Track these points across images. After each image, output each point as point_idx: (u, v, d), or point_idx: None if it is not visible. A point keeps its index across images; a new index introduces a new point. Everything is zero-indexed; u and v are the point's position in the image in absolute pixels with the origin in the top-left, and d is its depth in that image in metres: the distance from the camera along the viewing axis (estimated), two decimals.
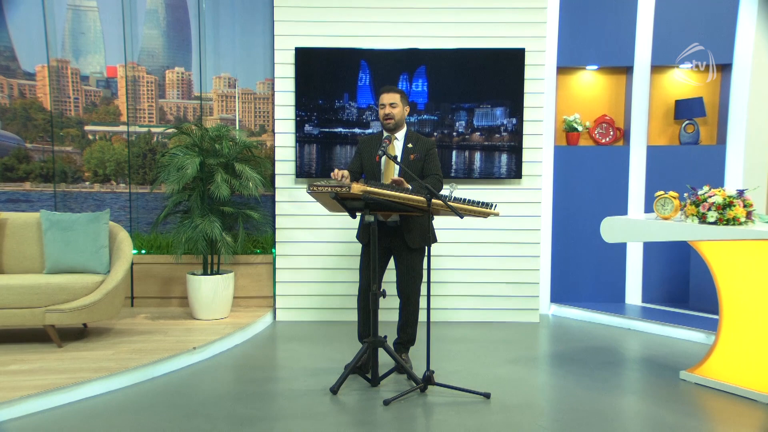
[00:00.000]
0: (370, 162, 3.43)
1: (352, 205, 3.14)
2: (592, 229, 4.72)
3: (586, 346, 4.10)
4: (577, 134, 5.01)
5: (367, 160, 3.45)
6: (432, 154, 3.45)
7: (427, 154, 3.43)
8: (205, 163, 4.41)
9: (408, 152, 3.42)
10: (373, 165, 3.41)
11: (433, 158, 3.45)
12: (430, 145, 3.47)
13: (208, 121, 4.98)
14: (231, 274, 4.56)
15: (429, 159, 3.43)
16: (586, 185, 4.98)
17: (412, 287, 3.45)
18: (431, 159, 3.44)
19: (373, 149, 3.42)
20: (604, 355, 3.90)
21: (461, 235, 4.66)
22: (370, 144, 3.48)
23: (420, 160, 3.41)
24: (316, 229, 4.70)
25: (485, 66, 4.55)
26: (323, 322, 4.69)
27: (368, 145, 3.48)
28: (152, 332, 4.11)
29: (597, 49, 4.92)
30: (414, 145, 3.44)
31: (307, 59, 4.57)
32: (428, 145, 3.46)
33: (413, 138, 3.47)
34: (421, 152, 3.42)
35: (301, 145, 4.63)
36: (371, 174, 3.43)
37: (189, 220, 4.40)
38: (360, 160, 3.50)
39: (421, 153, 3.42)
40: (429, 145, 3.46)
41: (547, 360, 3.84)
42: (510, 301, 4.73)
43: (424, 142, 3.46)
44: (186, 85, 5.00)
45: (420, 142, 3.45)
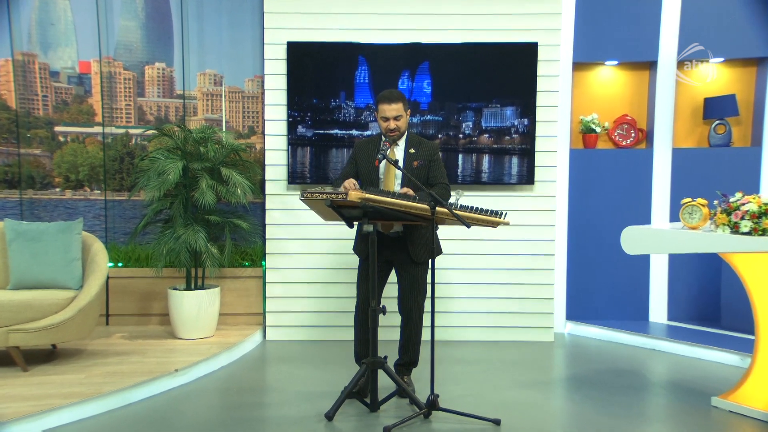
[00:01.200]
0: (367, 167, 3.44)
1: (350, 214, 3.16)
2: (612, 239, 4.72)
3: (606, 368, 4.11)
4: (595, 136, 5.06)
5: (363, 165, 3.46)
6: (436, 160, 3.47)
7: (432, 160, 3.45)
8: (188, 167, 4.45)
9: (410, 158, 3.44)
10: (370, 171, 3.43)
11: (438, 164, 3.47)
12: (434, 150, 3.49)
13: (192, 122, 5.02)
14: (217, 289, 4.59)
15: (434, 165, 3.45)
16: (605, 192, 5.01)
17: (415, 303, 3.47)
18: (436, 165, 3.46)
19: (370, 153, 3.43)
20: (626, 378, 3.91)
21: (468, 247, 4.70)
22: (367, 148, 3.49)
23: (424, 166, 3.43)
24: (310, 240, 4.73)
25: (494, 62, 4.60)
26: (317, 341, 4.72)
27: (365, 150, 3.49)
28: (129, 353, 4.12)
29: (617, 43, 4.97)
30: (417, 150, 3.45)
31: (300, 54, 4.61)
32: (432, 149, 3.48)
33: (415, 142, 3.49)
34: (424, 158, 3.44)
35: (294, 148, 4.67)
36: (368, 181, 3.44)
37: (171, 230, 4.43)
38: (355, 166, 3.51)
39: (425, 159, 3.44)
40: (432, 150, 3.48)
41: (562, 383, 3.85)
42: (522, 319, 4.76)
43: (427, 147, 3.48)
44: (167, 82, 5.05)
45: (423, 147, 3.47)
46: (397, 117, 3.38)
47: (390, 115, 3.38)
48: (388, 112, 3.37)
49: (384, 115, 3.39)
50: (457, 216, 2.99)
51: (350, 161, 3.56)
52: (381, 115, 3.41)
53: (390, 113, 3.37)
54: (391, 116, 3.38)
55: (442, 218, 3.11)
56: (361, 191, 3.02)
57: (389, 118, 3.38)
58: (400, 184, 3.40)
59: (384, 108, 3.38)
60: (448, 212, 3.00)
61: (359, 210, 3.08)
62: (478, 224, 3.13)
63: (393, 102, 3.38)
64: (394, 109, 3.37)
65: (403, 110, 3.40)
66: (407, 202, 3.03)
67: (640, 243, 3.45)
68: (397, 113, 3.38)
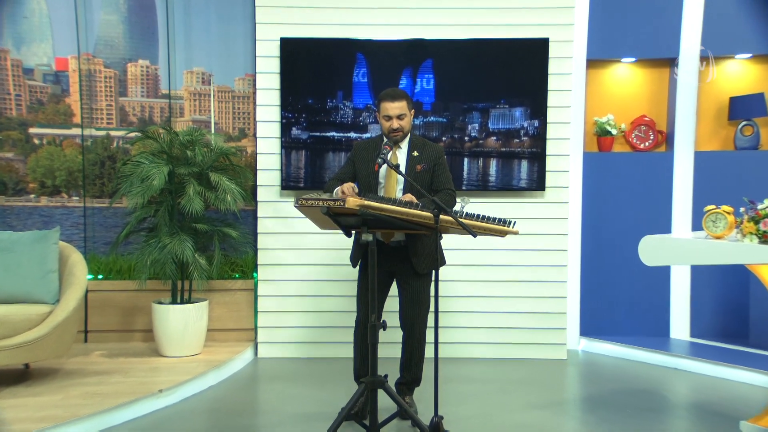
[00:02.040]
0: (366, 171, 3.47)
1: (347, 222, 3.16)
2: (630, 249, 4.73)
3: (624, 389, 4.12)
4: (610, 139, 5.08)
5: (362, 169, 3.49)
6: (442, 164, 3.50)
7: (437, 164, 3.48)
8: (174, 172, 4.47)
9: (413, 162, 3.46)
10: (369, 175, 3.46)
11: (444, 169, 3.50)
12: (439, 153, 3.51)
13: (179, 124, 5.05)
14: (205, 303, 4.61)
15: (439, 170, 3.48)
16: (622, 199, 5.04)
17: (418, 318, 3.50)
18: (441, 170, 3.49)
19: (370, 156, 3.46)
20: (645, 399, 3.92)
21: (474, 257, 4.72)
22: (367, 150, 3.52)
23: (428, 171, 3.46)
24: (306, 250, 4.76)
25: (502, 59, 4.64)
26: (313, 359, 4.74)
27: (365, 152, 3.52)
28: (110, 372, 4.13)
29: (634, 38, 4.99)
30: (420, 152, 3.48)
31: (295, 52, 4.65)
32: (437, 152, 3.51)
33: (419, 144, 3.51)
34: (428, 162, 3.46)
35: (288, 151, 4.70)
36: (367, 185, 3.47)
37: (155, 239, 4.45)
38: (353, 169, 3.54)
39: (429, 163, 3.46)
40: (437, 153, 3.50)
41: (576, 404, 3.87)
42: (532, 335, 4.77)
43: (431, 150, 3.51)
44: (152, 81, 5.07)
45: (427, 149, 3.50)
46: (401, 116, 3.41)
47: (393, 113, 3.40)
48: (391, 110, 3.40)
49: (386, 113, 3.41)
50: (463, 224, 3.00)
51: (348, 163, 3.59)
52: (383, 113, 3.43)
53: (393, 111, 3.40)
54: (394, 115, 3.40)
55: (446, 227, 3.13)
56: (359, 198, 3.04)
57: (392, 117, 3.40)
58: (402, 189, 3.42)
59: (386, 106, 3.41)
60: (453, 220, 3.01)
61: (358, 218, 3.08)
62: (485, 233, 3.15)
63: (396, 100, 3.41)
64: (397, 107, 3.40)
65: (407, 109, 3.43)
66: (409, 209, 3.05)
67: (660, 253, 3.46)
68: (400, 111, 3.40)
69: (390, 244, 3.42)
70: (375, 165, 3.24)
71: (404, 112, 3.42)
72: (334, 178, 3.54)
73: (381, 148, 3.33)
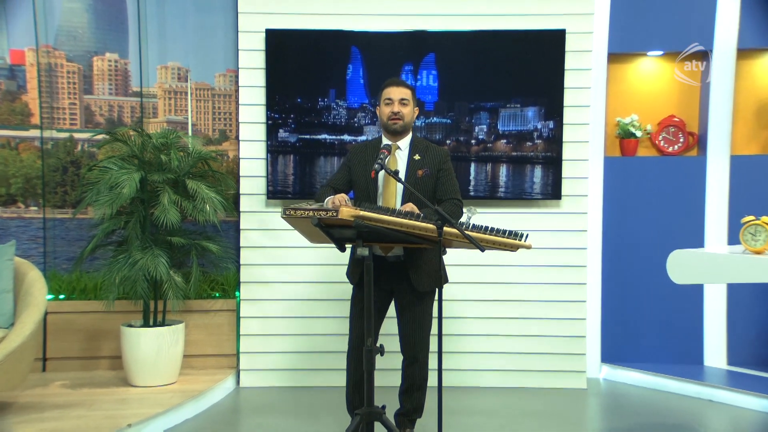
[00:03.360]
0: (362, 178, 3.52)
1: (341, 235, 3.17)
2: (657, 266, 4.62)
3: (651, 423, 4.15)
4: (634, 141, 5.12)
5: (359, 175, 3.54)
6: (447, 170, 3.55)
7: (441, 170, 3.53)
8: (147, 179, 4.50)
9: (415, 166, 3.51)
10: (367, 182, 3.49)
11: (449, 175, 3.55)
12: (444, 157, 3.57)
13: (151, 125, 5.08)
14: (180, 326, 4.64)
15: (444, 176, 3.53)
16: (648, 208, 5.07)
17: (420, 342, 3.54)
18: (446, 176, 3.54)
19: (367, 161, 3.50)
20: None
21: (482, 274, 4.77)
22: (363, 154, 3.58)
23: (431, 176, 3.51)
24: (294, 266, 4.81)
25: (513, 53, 4.71)
26: (302, 388, 4.78)
27: (361, 156, 3.58)
28: (71, 405, 4.12)
29: (662, 29, 5.02)
30: (423, 156, 3.53)
31: (282, 45, 4.71)
32: (441, 156, 3.56)
33: (421, 147, 3.57)
34: (432, 166, 3.51)
35: (274, 156, 4.76)
36: (364, 193, 3.53)
37: (125, 254, 4.46)
38: (348, 174, 3.60)
39: (432, 167, 3.51)
40: (442, 157, 3.56)
41: None
42: (548, 361, 4.81)
43: (435, 153, 3.56)
44: (121, 76, 5.10)
45: (430, 153, 3.55)
46: (403, 100, 3.49)
47: (395, 96, 3.49)
48: (394, 93, 3.50)
49: (388, 96, 3.51)
50: (469, 238, 3.00)
51: (342, 168, 3.65)
52: (384, 97, 3.52)
53: (396, 95, 3.49)
54: (396, 98, 3.49)
55: (450, 240, 3.14)
56: (354, 208, 3.05)
57: (393, 101, 3.49)
58: (401, 198, 3.46)
59: (390, 90, 3.51)
60: (458, 233, 3.01)
61: (352, 230, 3.09)
62: (495, 248, 3.16)
63: (402, 86, 3.52)
64: (401, 92, 3.50)
65: (411, 99, 3.52)
66: (409, 221, 3.06)
67: (692, 270, 3.41)
68: (403, 96, 3.49)
69: (388, 258, 3.45)
70: (371, 172, 3.26)
71: (407, 97, 3.50)
72: (327, 185, 3.59)
73: (379, 152, 3.34)
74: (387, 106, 3.51)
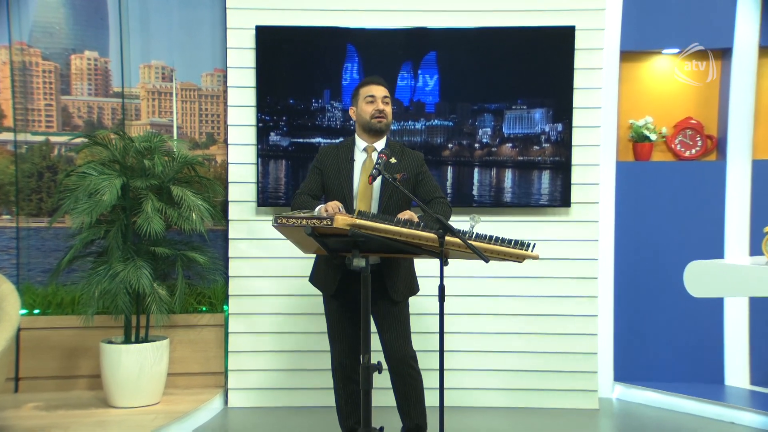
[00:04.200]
0: (336, 181, 3.62)
1: (336, 245, 3.23)
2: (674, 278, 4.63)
3: None
4: (649, 145, 5.19)
5: (331, 178, 3.65)
6: (425, 172, 3.70)
7: (419, 173, 3.67)
8: (129, 186, 4.54)
9: (391, 170, 3.55)
10: (341, 185, 3.61)
11: (428, 176, 3.70)
12: (421, 161, 3.72)
13: (134, 128, 5.14)
14: (164, 342, 4.68)
15: (424, 178, 3.68)
16: (664, 217, 5.13)
17: (405, 347, 3.61)
18: (426, 178, 3.68)
19: (341, 163, 3.64)
20: None
21: (486, 287, 4.84)
22: (336, 156, 3.69)
23: (408, 180, 3.59)
24: (286, 278, 4.86)
25: (520, 51, 4.78)
26: (294, 408, 4.82)
27: (333, 158, 3.69)
28: (46, 429, 4.12)
29: (678, 25, 5.08)
30: (399, 159, 3.64)
31: (273, 42, 4.78)
32: (418, 160, 3.71)
33: (397, 150, 3.69)
34: (409, 170, 3.62)
35: (265, 161, 4.83)
36: (338, 195, 3.60)
37: (105, 266, 4.49)
38: (320, 178, 3.70)
39: (410, 171, 3.63)
40: (419, 161, 3.71)
41: None
42: (557, 380, 4.86)
43: (412, 157, 3.70)
44: (101, 76, 5.15)
45: (407, 157, 3.68)
46: (386, 99, 3.63)
47: (379, 94, 3.61)
48: (377, 91, 3.62)
49: (371, 93, 3.61)
50: (473, 248, 3.01)
51: (313, 172, 3.72)
52: (365, 95, 3.63)
53: (379, 92, 3.62)
54: (379, 95, 3.61)
55: (453, 250, 3.17)
56: (350, 216, 3.09)
57: (377, 98, 3.60)
58: (378, 203, 3.58)
59: (372, 88, 3.62)
60: (462, 242, 3.03)
61: (348, 239, 3.13)
62: (500, 258, 3.18)
63: (382, 84, 3.66)
64: (383, 90, 3.63)
65: (390, 99, 3.67)
66: (409, 229, 3.09)
67: (711, 282, 3.39)
68: (386, 94, 3.63)
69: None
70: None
71: (389, 97, 3.65)
72: (302, 192, 3.67)
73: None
74: (369, 104, 3.61)
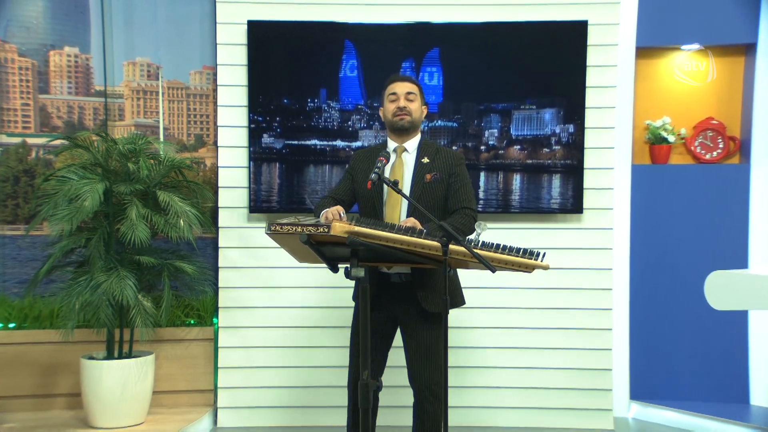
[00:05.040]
0: (364, 187, 3.55)
1: (333, 254, 3.26)
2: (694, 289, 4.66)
3: None
4: (667, 147, 5.27)
5: (362, 184, 3.62)
6: (459, 174, 3.64)
7: (453, 174, 3.62)
8: (112, 191, 4.59)
9: (423, 170, 3.61)
10: (371, 192, 3.58)
11: (463, 181, 3.64)
12: (457, 160, 3.67)
13: (117, 129, 5.20)
14: (150, 357, 4.73)
15: (457, 182, 3.62)
16: (683, 223, 5.20)
17: (432, 375, 3.56)
18: (460, 182, 3.62)
19: (371, 169, 3.46)
20: None
21: (493, 298, 4.89)
22: (368, 160, 3.65)
23: (441, 182, 3.59)
24: (280, 289, 4.93)
25: (529, 47, 4.86)
26: (290, 428, 4.88)
27: (365, 163, 3.66)
28: None
29: (698, 19, 5.15)
30: (432, 159, 3.63)
31: (266, 38, 4.86)
32: (453, 159, 3.66)
33: (430, 149, 3.67)
34: (442, 170, 3.60)
35: (258, 164, 4.90)
36: (368, 205, 3.63)
37: (87, 276, 4.53)
38: (351, 185, 3.71)
39: (443, 171, 3.60)
40: (454, 160, 3.66)
41: None
42: (569, 397, 4.93)
43: (446, 156, 3.66)
44: (82, 74, 5.22)
45: (441, 156, 3.65)
46: (410, 95, 3.62)
47: (401, 90, 3.62)
48: (399, 87, 3.63)
49: (393, 91, 3.64)
50: (478, 257, 3.03)
51: (345, 177, 3.77)
52: (389, 92, 3.65)
53: (401, 89, 3.63)
54: (401, 92, 3.62)
55: (457, 259, 3.19)
56: (347, 223, 3.10)
57: (399, 95, 3.62)
58: (407, 210, 3.53)
59: (394, 85, 3.65)
60: (467, 252, 3.05)
61: (346, 248, 3.14)
62: (507, 268, 3.21)
63: (407, 80, 3.67)
64: (406, 86, 3.64)
65: (418, 94, 3.66)
66: (409, 237, 3.12)
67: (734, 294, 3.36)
68: (409, 90, 3.63)
69: (391, 277, 3.52)
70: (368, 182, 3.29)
71: (414, 92, 3.64)
72: (328, 195, 3.72)
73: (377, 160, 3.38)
74: (392, 103, 3.64)
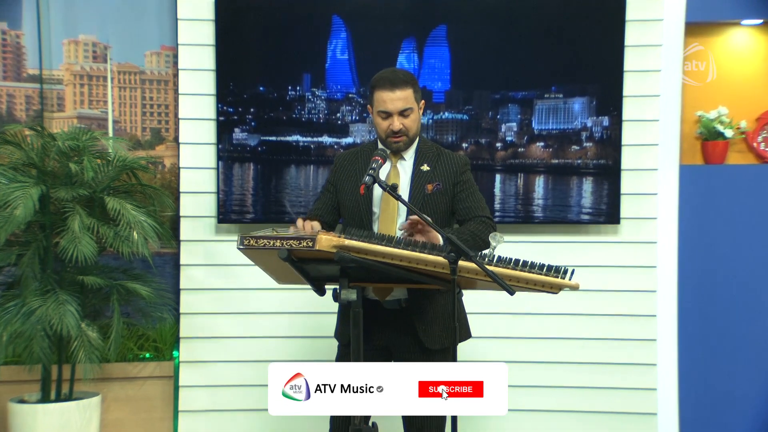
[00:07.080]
0: (352, 198, 3.64)
1: (319, 273, 3.29)
2: (757, 314, 4.97)
3: None
4: (723, 144, 5.31)
5: (348, 194, 3.67)
6: (466, 182, 3.69)
7: (458, 183, 3.67)
8: (49, 196, 4.63)
9: (422, 179, 3.65)
10: (357, 203, 3.63)
11: (470, 188, 3.69)
12: (462, 167, 3.71)
13: (56, 122, 5.26)
14: (95, 400, 4.76)
15: (464, 190, 3.67)
16: (743, 235, 5.25)
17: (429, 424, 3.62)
18: (467, 190, 3.67)
19: (358, 174, 3.60)
20: None
21: (512, 326, 4.98)
22: (354, 165, 3.71)
23: (444, 193, 3.64)
24: (254, 315, 5.01)
25: (554, 25, 4.94)
26: None
27: (350, 168, 3.71)
28: None
29: None
30: (433, 167, 3.67)
31: (238, 13, 4.93)
32: (457, 165, 3.70)
33: (430, 153, 3.72)
34: (445, 179, 3.65)
35: (228, 164, 4.97)
36: (355, 218, 3.65)
37: (17, 301, 4.56)
38: (334, 197, 3.75)
39: (446, 180, 3.65)
40: (459, 166, 3.70)
41: None
42: None
43: (450, 161, 3.71)
44: (11, 54, 5.30)
45: (443, 161, 3.70)
46: (405, 111, 3.58)
47: (393, 108, 3.56)
48: (391, 103, 3.56)
49: (383, 108, 3.58)
50: (493, 276, 3.03)
51: (325, 190, 3.81)
52: (378, 108, 3.60)
53: (394, 105, 3.56)
54: (395, 110, 3.56)
55: (469, 278, 3.22)
56: (335, 236, 3.11)
57: (392, 114, 3.57)
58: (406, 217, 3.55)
59: (383, 96, 3.57)
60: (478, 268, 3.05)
61: (334, 265, 3.13)
62: (529, 289, 3.24)
63: (398, 86, 3.56)
64: (399, 98, 3.55)
65: (413, 100, 3.61)
66: (411, 252, 3.12)
67: None
68: (404, 105, 3.56)
69: (385, 304, 3.57)
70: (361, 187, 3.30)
71: (409, 105, 3.59)
72: (309, 214, 3.72)
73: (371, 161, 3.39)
74: (383, 120, 3.61)
